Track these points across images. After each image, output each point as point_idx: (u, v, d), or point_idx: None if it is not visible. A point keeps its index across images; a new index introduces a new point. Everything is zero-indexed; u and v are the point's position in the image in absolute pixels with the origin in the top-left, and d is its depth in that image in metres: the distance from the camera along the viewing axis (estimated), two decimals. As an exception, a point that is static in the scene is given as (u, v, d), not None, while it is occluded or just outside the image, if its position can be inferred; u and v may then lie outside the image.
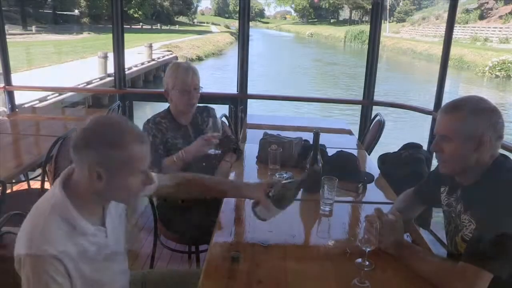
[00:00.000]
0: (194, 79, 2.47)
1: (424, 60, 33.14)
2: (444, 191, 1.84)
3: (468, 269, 1.42)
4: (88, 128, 1.29)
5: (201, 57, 29.59)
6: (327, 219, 1.96)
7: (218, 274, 1.48)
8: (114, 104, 3.89)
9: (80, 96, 12.11)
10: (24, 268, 1.20)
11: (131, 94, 4.48)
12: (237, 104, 4.31)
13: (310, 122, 4.15)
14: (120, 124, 1.32)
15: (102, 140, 1.26)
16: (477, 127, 1.55)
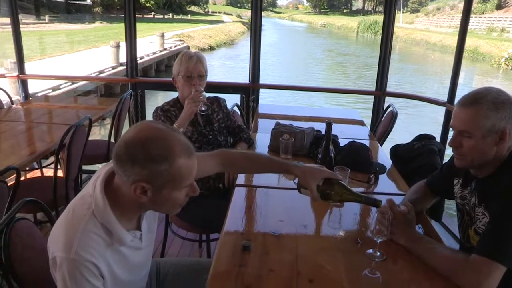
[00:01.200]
0: (198, 65, 2.47)
1: (438, 51, 32.75)
2: (458, 183, 1.82)
3: (481, 262, 1.40)
4: (132, 141, 1.21)
5: (213, 47, 29.54)
6: (338, 209, 1.95)
7: (229, 263, 1.49)
8: (126, 93, 3.90)
9: (93, 85, 12.20)
10: (61, 269, 1.20)
11: (142, 83, 4.48)
12: (249, 94, 4.30)
13: (323, 112, 4.13)
14: (166, 136, 1.23)
15: (148, 156, 1.19)
16: (499, 121, 1.51)
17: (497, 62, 25.21)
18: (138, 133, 1.22)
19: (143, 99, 4.44)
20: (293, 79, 17.47)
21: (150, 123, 1.29)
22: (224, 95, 2.95)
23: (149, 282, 1.70)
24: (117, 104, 3.72)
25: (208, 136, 2.56)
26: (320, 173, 1.65)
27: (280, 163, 1.78)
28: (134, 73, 4.38)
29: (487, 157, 1.57)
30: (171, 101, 2.58)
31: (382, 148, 3.04)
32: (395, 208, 1.68)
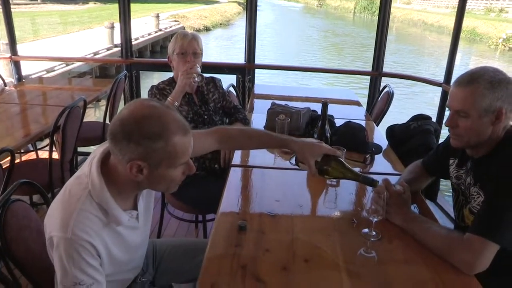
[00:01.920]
0: (192, 43, 2.47)
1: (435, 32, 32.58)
2: (453, 163, 1.82)
3: (474, 240, 1.42)
4: (127, 119, 1.19)
5: (209, 28, 29.26)
6: (334, 189, 1.95)
7: (225, 243, 1.49)
8: (121, 74, 3.86)
9: (87, 66, 12.11)
10: (58, 248, 1.20)
11: (137, 64, 4.46)
12: (244, 74, 4.28)
13: (319, 92, 4.11)
14: (162, 114, 1.22)
15: (143, 133, 1.18)
16: (495, 101, 1.50)
17: (495, 43, 25.13)
18: (133, 111, 1.21)
19: (138, 80, 4.41)
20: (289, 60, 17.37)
21: (145, 101, 1.28)
22: (220, 75, 2.93)
23: (145, 262, 1.71)
24: (111, 85, 3.69)
25: (204, 116, 2.55)
26: (319, 149, 1.65)
27: (278, 138, 1.78)
28: (129, 54, 4.34)
29: (483, 137, 1.57)
30: (166, 80, 2.57)
31: (378, 128, 3.04)
32: (391, 187, 1.69)
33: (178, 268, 1.80)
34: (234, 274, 1.34)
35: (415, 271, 1.41)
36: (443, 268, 1.41)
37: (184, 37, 2.48)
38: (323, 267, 1.40)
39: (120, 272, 1.45)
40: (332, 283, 1.33)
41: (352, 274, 1.37)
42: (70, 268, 1.20)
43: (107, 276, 1.32)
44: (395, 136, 2.81)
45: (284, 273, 1.36)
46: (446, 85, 3.66)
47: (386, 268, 1.42)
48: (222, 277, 1.32)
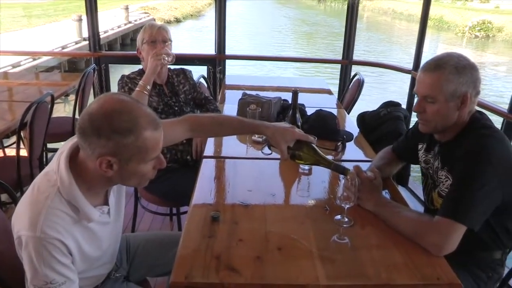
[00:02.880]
0: (161, 31, 2.46)
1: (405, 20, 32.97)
2: (422, 148, 1.86)
3: (443, 223, 1.45)
4: (97, 114, 1.17)
5: (179, 19, 28.88)
6: (306, 177, 1.97)
7: (199, 234, 1.48)
8: (89, 68, 3.78)
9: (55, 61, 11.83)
10: (27, 248, 1.17)
11: (106, 57, 4.38)
12: (215, 65, 4.25)
13: (290, 82, 4.12)
14: (132, 109, 1.20)
15: (113, 128, 1.15)
16: (460, 86, 1.54)
17: (462, 31, 25.63)
18: (103, 106, 1.18)
19: (107, 73, 4.33)
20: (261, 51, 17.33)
21: (115, 95, 1.25)
22: (191, 67, 2.90)
23: (119, 257, 1.69)
24: (80, 79, 3.62)
25: (174, 107, 2.53)
26: (291, 134, 1.65)
27: (250, 123, 1.77)
28: (97, 47, 4.26)
29: (450, 122, 1.61)
30: (136, 71, 2.55)
31: (349, 116, 3.07)
32: (362, 174, 1.71)
33: (153, 262, 1.79)
34: (208, 265, 1.33)
35: (387, 255, 1.43)
36: (414, 251, 1.44)
37: (153, 26, 2.48)
38: (297, 254, 1.41)
39: (92, 269, 1.43)
40: (306, 270, 1.34)
41: (326, 260, 1.38)
42: (40, 267, 1.17)
43: (79, 273, 1.30)
44: (366, 123, 2.84)
45: (258, 262, 1.36)
46: (415, 72, 3.73)
47: (359, 253, 1.44)
48: (196, 269, 1.31)
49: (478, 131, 1.58)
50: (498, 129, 1.65)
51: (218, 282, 1.27)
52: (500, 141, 1.56)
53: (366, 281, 1.31)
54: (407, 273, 1.35)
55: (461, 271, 1.50)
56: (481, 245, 1.67)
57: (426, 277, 1.33)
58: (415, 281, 1.32)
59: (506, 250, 1.74)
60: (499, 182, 1.49)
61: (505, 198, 1.53)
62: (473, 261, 1.71)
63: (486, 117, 1.66)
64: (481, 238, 1.62)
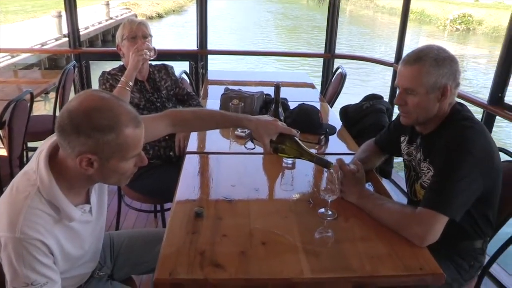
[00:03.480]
0: (141, 26, 2.43)
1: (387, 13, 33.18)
2: (404, 140, 1.87)
3: (425, 214, 1.47)
4: (76, 111, 1.14)
5: (161, 14, 28.60)
6: (290, 172, 1.97)
7: (182, 230, 1.48)
8: (70, 65, 3.72)
9: (35, 58, 11.63)
10: (6, 249, 1.15)
11: (87, 54, 4.33)
12: (197, 61, 4.23)
13: (272, 76, 4.13)
14: (112, 106, 1.18)
15: (93, 125, 1.14)
16: (440, 78, 1.56)
17: (443, 24, 25.88)
18: (82, 103, 1.16)
19: (88, 70, 4.28)
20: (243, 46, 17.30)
21: (95, 92, 1.23)
22: (173, 63, 2.88)
23: (103, 256, 1.68)
24: (60, 76, 3.56)
25: (156, 103, 2.51)
26: (274, 127, 1.65)
27: (233, 117, 1.77)
28: (77, 44, 4.20)
29: (431, 114, 1.62)
30: (117, 68, 2.52)
31: (332, 109, 3.08)
32: (345, 167, 1.72)
33: (137, 259, 1.77)
34: (192, 261, 1.33)
35: (371, 247, 1.44)
36: (397, 242, 1.45)
37: (132, 22, 2.45)
38: (281, 249, 1.41)
39: (75, 268, 1.41)
40: (290, 264, 1.34)
41: (310, 254, 1.39)
42: (20, 268, 1.15)
43: (62, 273, 1.29)
44: (349, 116, 2.86)
45: (242, 257, 1.36)
46: (397, 65, 3.76)
47: (343, 246, 1.45)
48: (180, 265, 1.31)
49: (458, 122, 1.60)
50: (478, 120, 1.67)
51: (203, 278, 1.27)
52: (480, 132, 1.58)
53: (351, 273, 1.32)
54: (391, 264, 1.36)
55: (443, 261, 1.53)
56: (463, 234, 1.69)
57: (410, 268, 1.35)
58: (399, 271, 1.34)
59: (487, 238, 1.78)
60: (480, 172, 1.51)
61: (485, 189, 1.55)
62: (455, 250, 1.73)
63: (467, 109, 1.67)
64: (463, 228, 1.64)
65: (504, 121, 2.97)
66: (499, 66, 2.82)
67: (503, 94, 2.83)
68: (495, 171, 1.60)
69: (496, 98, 2.85)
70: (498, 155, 1.64)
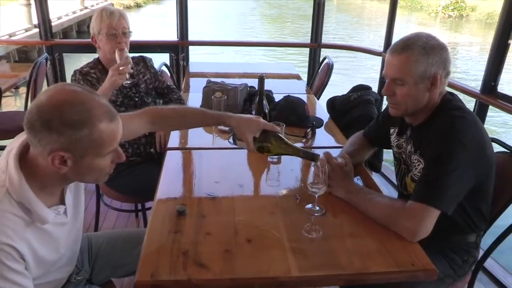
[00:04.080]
0: (121, 21, 2.35)
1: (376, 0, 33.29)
2: (394, 132, 1.89)
3: (416, 208, 1.48)
4: (46, 106, 1.12)
5: (140, 4, 28.31)
6: (276, 166, 1.98)
7: (164, 230, 1.48)
8: (41, 57, 3.66)
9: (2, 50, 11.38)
10: None
11: (60, 46, 4.27)
12: (178, 52, 4.21)
13: (256, 67, 4.13)
14: (85, 99, 1.16)
15: (65, 121, 1.11)
16: (430, 67, 1.56)
17: (435, 11, 25.97)
18: (52, 97, 1.14)
19: (62, 63, 4.22)
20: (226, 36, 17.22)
21: (66, 86, 1.21)
22: (152, 54, 2.86)
23: (80, 259, 1.66)
24: (31, 70, 3.51)
25: (135, 99, 2.48)
26: (257, 124, 1.65)
27: (214, 115, 1.77)
28: (49, 35, 4.15)
29: (420, 104, 1.63)
30: (91, 63, 2.45)
31: (319, 101, 3.10)
32: (332, 160, 1.73)
33: (117, 261, 1.76)
34: (174, 261, 1.33)
35: (360, 243, 1.46)
36: (388, 237, 1.47)
37: (111, 15, 2.34)
38: (267, 246, 1.42)
39: (50, 273, 1.39)
40: (277, 262, 1.35)
41: (297, 251, 1.40)
42: None
43: (36, 279, 1.27)
44: (336, 108, 2.87)
45: (227, 255, 1.37)
46: (385, 54, 3.77)
47: (332, 243, 1.46)
48: (162, 266, 1.31)
49: (449, 112, 1.61)
50: (470, 110, 1.67)
51: (186, 279, 1.27)
52: (472, 122, 1.59)
53: (340, 270, 1.34)
54: (381, 261, 1.37)
55: (436, 256, 1.54)
56: (455, 228, 1.71)
57: (401, 264, 1.36)
58: (390, 268, 1.35)
59: (480, 232, 1.79)
60: (472, 164, 1.52)
61: (477, 181, 1.57)
62: (448, 245, 1.75)
63: (458, 99, 1.69)
64: (455, 222, 1.66)
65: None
66: (491, 54, 2.84)
67: (496, 83, 2.85)
68: (487, 162, 1.61)
69: (489, 87, 2.86)
70: (491, 146, 1.65)
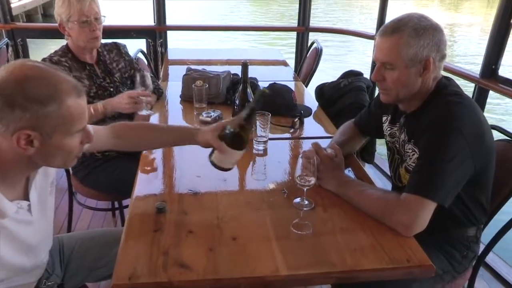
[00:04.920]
0: (92, 6, 2.31)
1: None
2: (387, 120, 1.89)
3: (411, 200, 1.49)
4: (7, 82, 1.10)
5: (111, -14, 28.07)
6: (261, 159, 1.98)
7: (143, 228, 1.47)
8: (1, 43, 3.53)
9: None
10: None
11: (22, 30, 4.19)
12: (155, 38, 4.19)
13: (240, 54, 4.11)
14: (50, 74, 1.15)
15: (30, 96, 1.10)
16: (421, 49, 1.55)
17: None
18: (13, 72, 1.13)
19: (26, 49, 4.15)
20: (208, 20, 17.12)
21: (28, 61, 1.19)
22: (127, 40, 2.84)
23: (51, 263, 1.63)
24: (-12, 56, 3.42)
25: (109, 89, 2.46)
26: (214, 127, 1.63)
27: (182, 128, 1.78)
28: (9, 17, 4.05)
29: (413, 90, 1.63)
30: (59, 51, 2.40)
31: (307, 89, 3.10)
32: (321, 151, 1.74)
33: (92, 264, 1.75)
34: (154, 262, 1.33)
35: (352, 239, 1.47)
36: (381, 232, 1.48)
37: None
38: (253, 244, 1.43)
39: (16, 277, 1.37)
40: (264, 261, 1.35)
41: (286, 248, 1.40)
42: None
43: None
44: (325, 95, 2.88)
45: (210, 255, 1.37)
46: (377, 37, 3.78)
47: (322, 239, 1.47)
48: (141, 267, 1.30)
49: (445, 98, 1.61)
50: (467, 95, 1.67)
51: (167, 280, 1.27)
52: (469, 108, 1.59)
53: (331, 268, 1.34)
54: (375, 257, 1.38)
55: (433, 251, 1.56)
56: (454, 222, 1.72)
57: (395, 260, 1.37)
58: (383, 264, 1.36)
59: (481, 225, 1.80)
60: (470, 153, 1.52)
61: (476, 170, 1.57)
62: (446, 239, 1.76)
63: (454, 83, 1.69)
64: (453, 214, 1.67)
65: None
66: (492, 35, 2.83)
67: (497, 66, 2.83)
68: (487, 150, 1.61)
69: (489, 70, 2.86)
70: (490, 133, 1.65)
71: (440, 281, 1.74)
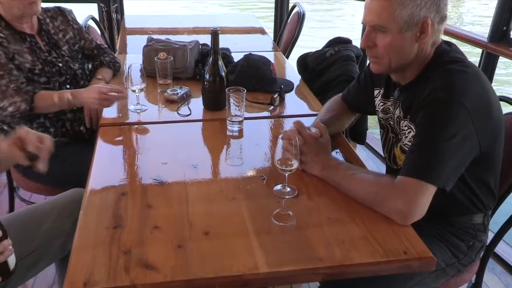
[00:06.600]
0: None
1: None
2: (379, 94, 1.89)
3: (407, 183, 1.48)
4: None
5: None
6: (237, 141, 1.99)
7: (100, 225, 1.46)
8: None
9: None
10: None
11: None
12: (108, 3, 4.11)
13: (210, 20, 4.10)
14: None
15: None
16: (418, 9, 1.53)
17: None
18: None
19: None
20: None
21: None
22: (74, 5, 2.79)
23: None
24: None
25: (58, 64, 2.40)
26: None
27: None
28: None
29: (408, 57, 1.62)
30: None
31: (288, 60, 3.10)
32: (304, 131, 1.73)
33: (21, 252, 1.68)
34: (114, 264, 1.32)
35: (341, 230, 1.48)
36: (374, 221, 1.50)
37: None
38: (229, 239, 1.43)
39: None
40: (241, 257, 1.36)
41: (266, 243, 1.41)
42: None
43: None
44: (309, 67, 2.87)
45: (180, 252, 1.37)
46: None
47: (307, 231, 1.47)
48: (99, 271, 1.30)
49: (445, 66, 1.59)
50: (471, 63, 1.65)
51: (130, 284, 1.27)
52: (474, 77, 1.58)
53: (317, 263, 1.35)
54: (367, 250, 1.40)
55: (434, 242, 1.58)
56: (457, 208, 1.73)
57: (391, 252, 1.39)
58: (377, 258, 1.37)
59: (489, 212, 1.81)
60: (474, 128, 1.51)
61: (482, 149, 1.56)
62: (449, 228, 1.77)
63: (456, 49, 1.67)
64: (457, 199, 1.68)
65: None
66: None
67: (508, 27, 2.78)
68: (494, 126, 1.61)
69: (499, 33, 2.81)
70: (499, 106, 1.65)
71: (443, 275, 1.75)
